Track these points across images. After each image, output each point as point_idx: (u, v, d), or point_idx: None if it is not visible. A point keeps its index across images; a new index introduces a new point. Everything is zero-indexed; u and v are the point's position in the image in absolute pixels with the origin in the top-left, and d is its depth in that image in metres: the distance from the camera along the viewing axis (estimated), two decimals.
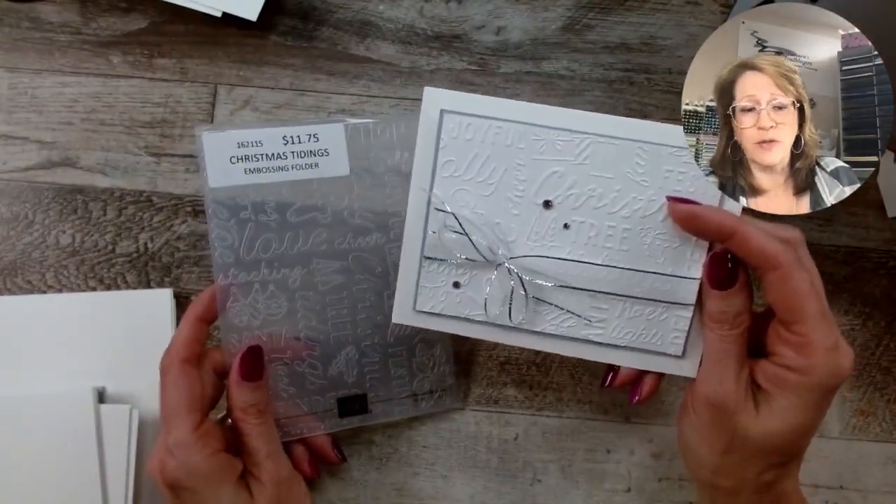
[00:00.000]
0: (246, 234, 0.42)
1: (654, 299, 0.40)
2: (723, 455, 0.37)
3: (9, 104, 0.51)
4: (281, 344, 0.44)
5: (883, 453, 0.51)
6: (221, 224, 0.42)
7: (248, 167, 0.42)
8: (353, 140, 0.43)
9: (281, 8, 0.53)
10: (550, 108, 0.39)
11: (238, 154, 0.42)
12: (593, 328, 0.41)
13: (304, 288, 0.44)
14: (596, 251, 0.40)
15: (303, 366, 0.45)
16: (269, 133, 0.42)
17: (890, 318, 0.52)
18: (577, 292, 0.40)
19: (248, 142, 0.42)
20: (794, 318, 0.35)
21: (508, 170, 0.40)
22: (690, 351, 0.40)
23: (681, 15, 0.54)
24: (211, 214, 0.42)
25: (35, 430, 0.46)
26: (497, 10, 0.53)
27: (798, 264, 0.35)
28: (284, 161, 0.42)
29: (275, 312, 0.43)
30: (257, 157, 0.42)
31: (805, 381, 0.35)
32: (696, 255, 0.39)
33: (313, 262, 0.44)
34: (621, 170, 0.39)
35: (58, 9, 0.52)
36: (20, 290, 0.50)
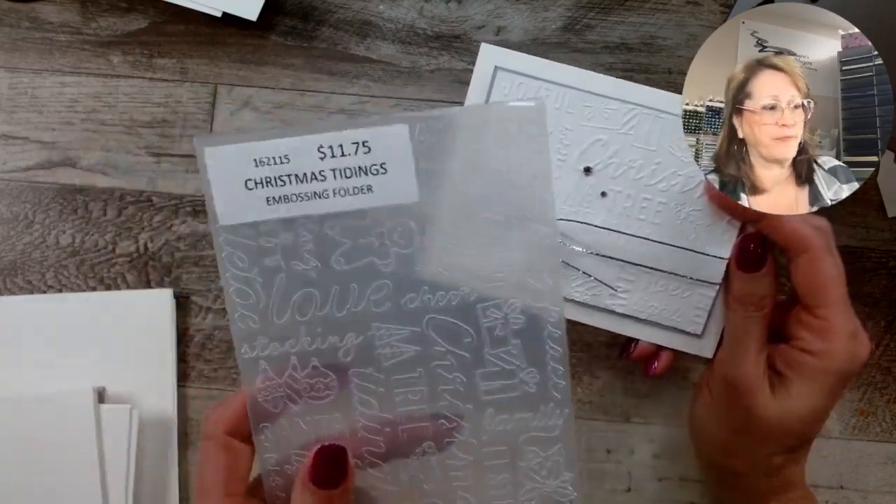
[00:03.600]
0: (276, 290, 0.31)
1: (681, 275, 0.40)
2: (735, 435, 0.38)
3: (9, 104, 0.51)
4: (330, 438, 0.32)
5: (883, 453, 0.51)
6: (239, 276, 0.30)
7: (271, 194, 0.30)
8: (422, 145, 0.30)
9: (281, 8, 0.53)
10: (603, 76, 0.39)
11: (256, 175, 0.29)
12: (618, 298, 0.40)
13: (361, 363, 0.32)
14: (629, 222, 0.39)
15: (362, 466, 0.33)
16: (298, 143, 0.29)
17: (890, 318, 0.52)
18: (607, 261, 0.40)
19: (268, 157, 0.29)
20: (819, 301, 0.35)
21: (553, 133, 0.39)
22: (709, 331, 0.40)
23: (681, 15, 0.54)
24: (224, 262, 0.30)
25: (35, 430, 0.46)
26: (497, 10, 0.53)
27: (827, 250, 0.36)
28: (323, 183, 0.30)
29: (320, 396, 0.32)
30: (284, 178, 0.29)
31: (823, 366, 0.35)
32: (727, 235, 0.39)
33: (372, 326, 0.31)
34: (664, 144, 0.39)
35: (58, 9, 0.52)
36: (20, 290, 0.50)
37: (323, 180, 0.30)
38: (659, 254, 0.40)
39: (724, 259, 0.39)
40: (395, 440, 0.32)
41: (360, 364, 0.32)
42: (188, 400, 0.49)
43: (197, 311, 0.50)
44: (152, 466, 0.47)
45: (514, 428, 0.32)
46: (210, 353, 0.50)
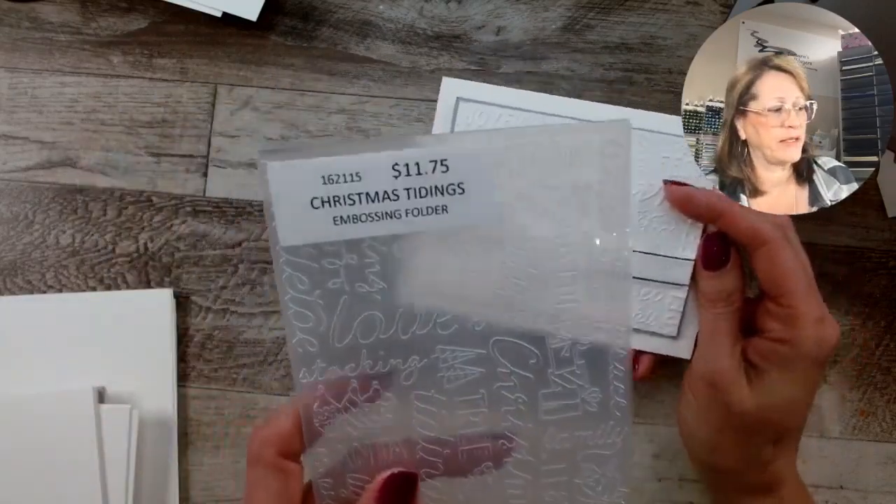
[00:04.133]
0: (338, 312, 0.29)
1: (650, 279, 0.41)
2: (720, 432, 0.38)
3: (9, 104, 0.51)
4: (389, 460, 0.31)
5: (883, 453, 0.51)
6: (300, 299, 0.29)
7: (339, 214, 0.28)
8: (505, 165, 0.29)
9: (281, 8, 0.53)
10: (554, 97, 0.41)
11: (324, 194, 0.28)
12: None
13: (423, 385, 0.31)
14: None
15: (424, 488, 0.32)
16: (372, 160, 0.27)
17: (890, 319, 0.52)
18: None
19: (339, 174, 0.28)
20: (782, 291, 0.36)
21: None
22: (684, 333, 0.41)
23: (681, 15, 0.54)
24: (284, 283, 0.29)
25: (35, 430, 0.46)
26: (497, 10, 0.53)
27: (785, 241, 0.36)
28: (395, 204, 0.28)
29: (380, 420, 0.31)
30: (353, 198, 0.28)
31: (794, 353, 0.36)
32: (690, 236, 0.40)
33: (437, 349, 0.31)
34: None
35: (58, 9, 0.52)
36: (20, 290, 0.50)
37: (396, 200, 0.28)
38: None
39: (690, 260, 0.40)
40: (454, 461, 0.31)
41: (421, 387, 0.30)
42: (188, 400, 0.49)
43: (197, 311, 0.50)
44: (152, 466, 0.47)
45: (573, 446, 0.32)
46: (210, 353, 0.50)
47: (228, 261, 0.51)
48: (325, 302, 0.29)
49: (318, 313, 0.29)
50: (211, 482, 0.49)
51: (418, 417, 0.31)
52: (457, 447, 0.31)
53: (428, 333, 0.30)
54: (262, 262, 0.51)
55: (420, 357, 0.30)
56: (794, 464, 0.39)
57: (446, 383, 0.31)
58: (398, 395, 0.30)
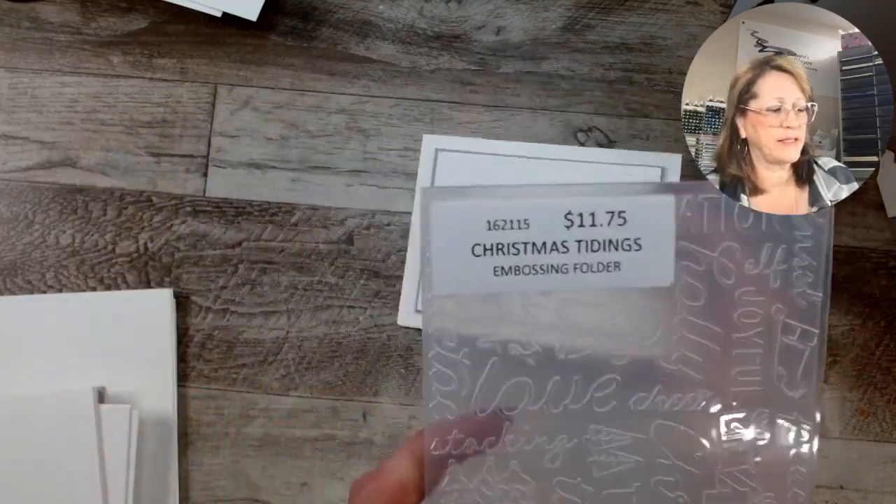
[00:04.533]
0: (484, 377, 0.26)
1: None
2: None
3: (9, 104, 0.51)
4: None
5: (883, 453, 0.51)
6: (444, 357, 0.25)
7: (501, 263, 0.25)
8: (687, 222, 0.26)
9: (281, 8, 0.53)
10: (528, 144, 0.44)
11: (488, 240, 0.24)
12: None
13: (570, 471, 0.26)
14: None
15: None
16: (543, 206, 0.24)
17: (890, 318, 0.52)
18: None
19: (506, 220, 0.24)
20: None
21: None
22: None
23: (681, 15, 0.54)
24: (430, 338, 0.25)
25: (35, 430, 0.46)
26: (497, 9, 0.53)
27: None
28: (564, 256, 0.25)
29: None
30: (519, 246, 0.25)
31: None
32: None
33: (589, 428, 0.26)
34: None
35: (58, 9, 0.52)
36: (20, 290, 0.50)
37: (565, 252, 0.24)
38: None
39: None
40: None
41: (567, 472, 0.26)
42: (188, 400, 0.49)
43: (197, 311, 0.50)
44: (152, 466, 0.47)
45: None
46: (210, 353, 0.50)
47: (228, 261, 0.51)
48: (471, 363, 0.25)
49: (461, 374, 0.25)
50: (211, 482, 0.49)
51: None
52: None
53: (582, 409, 0.26)
54: (262, 262, 0.51)
55: (569, 437, 0.26)
56: None
57: (596, 471, 0.26)
58: (539, 480, 0.26)
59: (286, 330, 0.50)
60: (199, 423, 0.49)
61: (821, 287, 0.27)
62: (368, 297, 0.50)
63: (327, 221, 0.51)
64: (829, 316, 0.34)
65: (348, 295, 0.51)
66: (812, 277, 0.27)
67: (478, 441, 0.26)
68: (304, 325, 0.50)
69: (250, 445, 0.49)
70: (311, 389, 0.50)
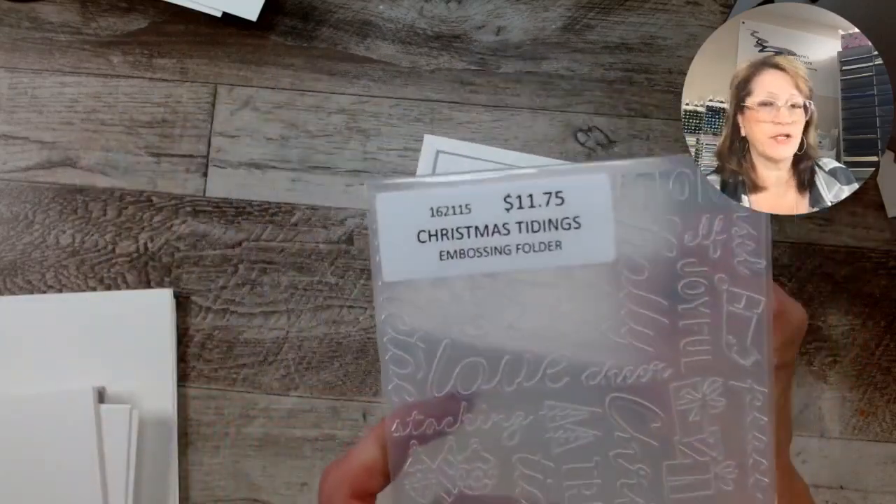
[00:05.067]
0: (438, 359, 0.27)
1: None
2: None
3: (9, 104, 0.51)
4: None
5: (883, 453, 0.51)
6: (399, 341, 0.26)
7: (446, 248, 0.26)
8: (624, 199, 0.26)
9: (281, 8, 0.53)
10: (527, 155, 0.44)
11: (432, 227, 0.26)
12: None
13: (528, 448, 0.27)
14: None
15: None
16: (483, 191, 0.26)
17: (890, 318, 0.52)
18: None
19: (449, 206, 0.26)
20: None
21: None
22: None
23: (681, 15, 0.54)
24: (383, 324, 0.26)
25: (35, 430, 0.46)
26: (497, 9, 0.53)
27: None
28: (505, 238, 0.26)
29: (478, 483, 0.27)
30: (462, 231, 0.26)
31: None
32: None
33: (545, 405, 0.27)
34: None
35: (58, 9, 0.52)
36: (20, 290, 0.50)
37: (507, 234, 0.25)
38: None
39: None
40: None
41: (526, 449, 0.27)
42: (188, 400, 0.49)
43: (197, 311, 0.50)
44: (152, 466, 0.47)
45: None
46: (210, 353, 0.50)
47: (228, 261, 0.51)
48: (426, 347, 0.26)
49: (418, 358, 0.26)
50: (211, 482, 0.49)
51: (522, 486, 0.27)
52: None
53: (535, 386, 0.26)
54: (262, 262, 0.51)
55: (525, 414, 0.26)
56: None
57: (555, 447, 0.27)
58: (499, 458, 0.26)
59: (286, 330, 0.50)
60: (199, 423, 0.49)
61: (763, 254, 0.27)
62: (368, 297, 0.50)
63: (327, 221, 0.51)
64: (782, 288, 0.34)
65: (348, 295, 0.51)
66: (753, 245, 0.27)
67: (437, 422, 0.26)
68: (304, 325, 0.50)
69: (250, 445, 0.49)
70: (311, 389, 0.50)
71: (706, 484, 0.27)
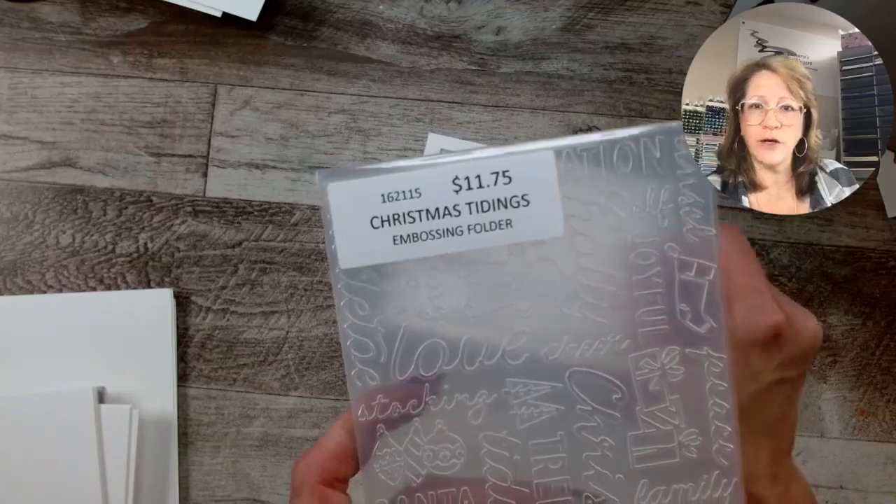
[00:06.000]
0: (399, 343, 0.27)
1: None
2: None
3: (9, 104, 0.51)
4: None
5: (883, 453, 0.51)
6: (360, 326, 0.27)
7: (399, 233, 0.26)
8: (569, 175, 0.26)
9: (281, 8, 0.53)
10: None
11: (384, 212, 0.26)
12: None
13: (493, 425, 0.27)
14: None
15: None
16: (431, 175, 0.26)
17: (890, 318, 0.52)
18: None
19: (398, 191, 0.26)
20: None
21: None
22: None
23: (681, 15, 0.54)
24: (343, 310, 0.27)
25: (35, 430, 0.46)
26: (497, 10, 0.53)
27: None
28: (457, 219, 0.26)
29: (446, 464, 0.27)
30: (414, 215, 0.26)
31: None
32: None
33: (507, 382, 0.27)
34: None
35: (58, 9, 0.52)
36: (20, 290, 0.50)
37: (457, 216, 0.26)
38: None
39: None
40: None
41: (491, 427, 0.27)
42: (188, 400, 0.49)
43: (197, 311, 0.50)
44: (152, 466, 0.47)
45: (671, 502, 0.27)
46: (210, 353, 0.50)
47: (228, 261, 0.51)
48: (386, 330, 0.27)
49: (378, 342, 0.27)
50: (211, 482, 0.49)
51: (490, 464, 0.27)
52: (534, 500, 0.27)
53: (496, 365, 0.27)
54: (262, 262, 0.51)
55: (488, 392, 0.27)
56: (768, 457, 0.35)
57: (519, 423, 0.27)
58: (466, 437, 0.27)
59: (286, 330, 0.50)
60: (199, 423, 0.49)
61: (711, 221, 0.27)
62: None
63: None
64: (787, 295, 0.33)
65: None
66: (700, 213, 0.27)
67: (402, 405, 0.27)
68: (304, 325, 0.50)
69: (250, 445, 0.49)
70: (311, 389, 0.50)
71: (671, 452, 0.27)
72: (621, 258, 0.27)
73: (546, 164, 0.26)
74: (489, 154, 0.26)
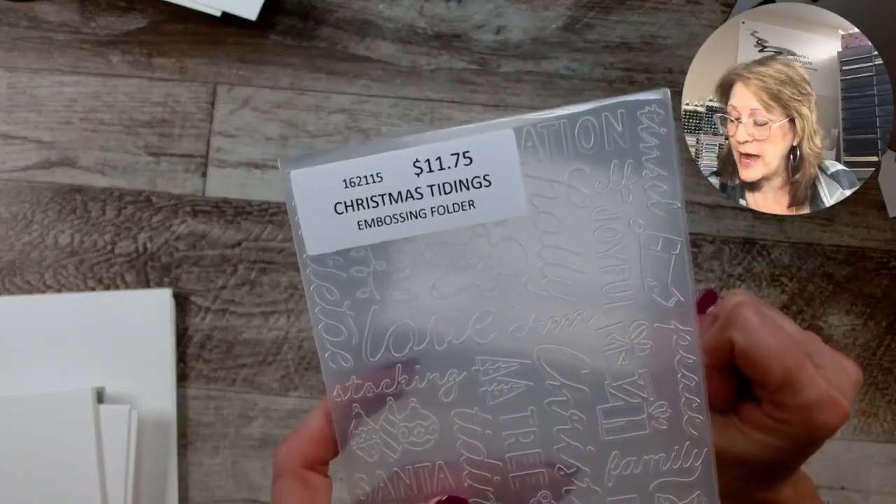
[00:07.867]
0: (369, 324, 0.28)
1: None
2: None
3: (8, 104, 0.51)
4: (433, 487, 0.28)
5: (884, 454, 0.51)
6: (330, 310, 0.27)
7: (363, 218, 0.27)
8: (531, 154, 0.27)
9: (281, 7, 0.53)
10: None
11: (347, 198, 0.27)
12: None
13: (464, 402, 0.28)
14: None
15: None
16: (391, 159, 0.26)
17: (891, 319, 0.52)
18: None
19: (360, 176, 0.26)
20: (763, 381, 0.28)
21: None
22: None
23: (681, 14, 0.54)
24: (312, 295, 0.27)
25: (35, 430, 0.46)
26: (497, 9, 0.53)
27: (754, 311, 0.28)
28: (419, 202, 0.27)
29: (420, 440, 0.28)
30: (377, 199, 0.27)
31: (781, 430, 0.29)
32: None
33: (476, 360, 0.28)
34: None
35: (57, 8, 0.52)
36: (19, 290, 0.50)
37: (420, 198, 0.26)
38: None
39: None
40: (505, 490, 0.28)
41: (463, 404, 0.27)
42: (188, 400, 0.49)
43: (196, 311, 0.50)
44: (152, 466, 0.47)
45: (643, 472, 0.27)
46: (209, 353, 0.50)
47: (228, 261, 0.50)
48: (355, 313, 0.27)
49: (349, 326, 0.27)
50: (210, 482, 0.49)
51: (462, 439, 0.28)
52: (507, 474, 0.27)
53: (465, 343, 0.27)
54: (262, 262, 0.51)
55: (459, 370, 0.27)
56: (797, 491, 0.32)
57: (490, 399, 0.27)
58: (438, 414, 0.27)
59: (286, 330, 0.50)
60: (199, 424, 0.49)
61: (676, 195, 0.27)
62: None
63: None
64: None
65: None
66: (665, 187, 0.26)
67: (375, 385, 0.27)
68: (303, 325, 0.50)
69: (250, 446, 0.49)
70: (310, 389, 0.50)
71: (641, 425, 0.27)
72: (586, 235, 0.27)
73: (506, 143, 0.26)
74: (449, 135, 0.26)
